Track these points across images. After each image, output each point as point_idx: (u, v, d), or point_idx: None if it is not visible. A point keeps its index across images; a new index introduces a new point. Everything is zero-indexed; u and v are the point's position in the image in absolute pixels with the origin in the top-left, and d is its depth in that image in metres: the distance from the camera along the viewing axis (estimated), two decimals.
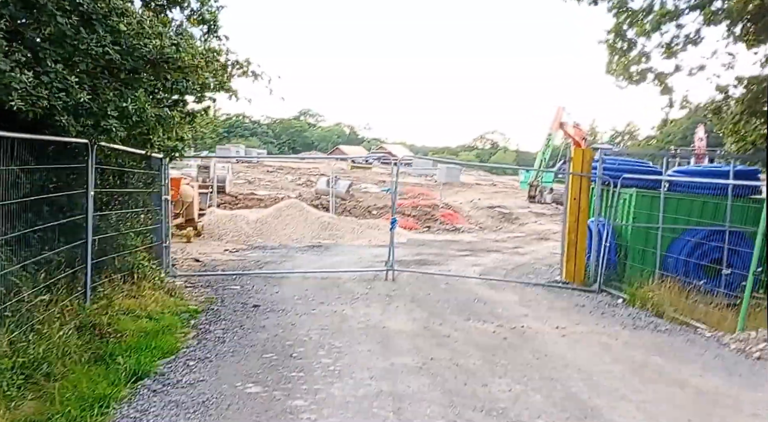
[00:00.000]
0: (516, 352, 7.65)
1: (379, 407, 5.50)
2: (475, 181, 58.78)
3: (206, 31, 11.66)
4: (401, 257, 17.09)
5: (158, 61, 7.14)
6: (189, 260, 14.72)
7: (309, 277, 12.74)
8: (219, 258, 15.50)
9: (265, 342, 7.47)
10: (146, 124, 7.03)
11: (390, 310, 9.77)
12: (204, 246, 18.07)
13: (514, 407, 5.72)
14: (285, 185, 40.41)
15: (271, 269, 13.72)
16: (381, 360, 6.96)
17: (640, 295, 11.22)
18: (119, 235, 9.36)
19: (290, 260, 15.56)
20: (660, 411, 5.88)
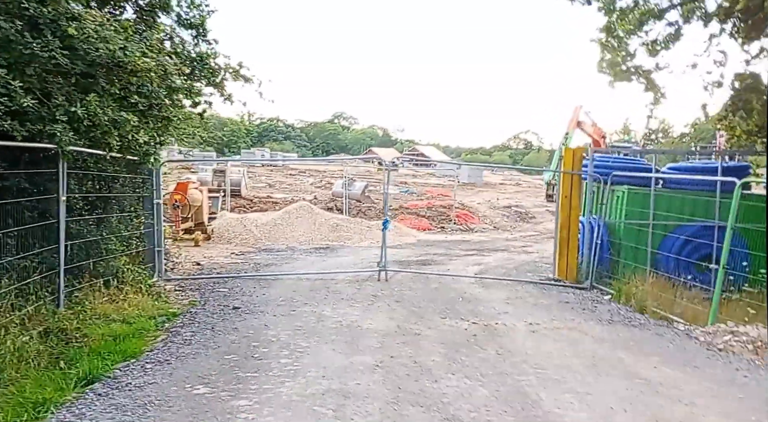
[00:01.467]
0: (480, 349, 7.70)
1: (321, 405, 5.61)
2: (500, 181, 58.61)
3: (195, 36, 11.97)
4: (404, 258, 17.26)
5: (110, 66, 7.28)
6: (190, 264, 14.93)
7: (302, 278, 12.88)
8: (221, 261, 15.72)
9: (232, 343, 7.62)
10: (100, 128, 7.16)
11: (371, 310, 9.87)
12: (211, 250, 18.34)
13: (457, 402, 5.79)
14: (305, 188, 40.74)
15: (268, 272, 13.89)
16: (341, 359, 7.06)
17: (625, 291, 11.21)
18: (101, 240, 9.58)
19: (291, 263, 15.75)
20: (600, 402, 5.92)
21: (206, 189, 22.96)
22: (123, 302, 9.14)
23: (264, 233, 21.16)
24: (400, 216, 28.60)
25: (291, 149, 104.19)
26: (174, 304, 10.00)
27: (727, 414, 5.75)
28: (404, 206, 31.44)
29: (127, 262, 10.45)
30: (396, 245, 20.74)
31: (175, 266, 14.58)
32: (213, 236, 20.65)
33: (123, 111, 7.38)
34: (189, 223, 20.23)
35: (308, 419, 5.31)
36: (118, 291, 9.49)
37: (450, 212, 29.69)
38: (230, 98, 13.29)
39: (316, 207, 24.67)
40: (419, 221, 28.12)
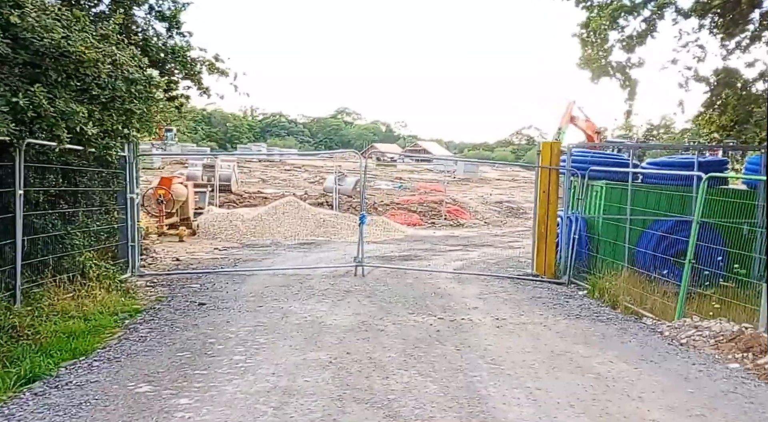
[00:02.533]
0: (440, 345, 7.63)
1: (263, 403, 5.53)
2: (496, 176, 58.45)
3: (168, 28, 11.92)
4: (388, 253, 17.22)
5: (56, 55, 7.17)
6: (169, 259, 14.87)
7: (278, 274, 12.83)
8: (202, 257, 15.67)
9: (188, 340, 7.54)
10: (46, 120, 7.06)
11: (340, 306, 9.81)
12: (195, 245, 18.29)
13: (402, 398, 5.72)
14: (299, 184, 40.60)
15: (246, 267, 13.84)
16: (296, 356, 7.00)
17: (599, 286, 11.16)
18: (65, 235, 9.50)
19: (272, 258, 15.69)
20: (548, 398, 5.86)
21: (192, 184, 22.88)
22: (86, 298, 9.05)
23: (249, 228, 21.09)
24: (390, 211, 28.55)
25: (294, 145, 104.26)
26: (141, 300, 9.94)
27: (673, 408, 5.68)
28: (395, 201, 31.33)
29: (95, 257, 10.35)
30: (382, 241, 20.71)
31: (153, 261, 14.53)
32: (198, 232, 20.59)
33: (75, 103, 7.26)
34: (174, 218, 20.20)
35: (247, 417, 5.23)
36: (83, 287, 9.43)
37: (441, 208, 29.60)
38: (207, 91, 13.32)
39: (304, 202, 24.60)
40: (409, 216, 28.06)
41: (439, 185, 41.19)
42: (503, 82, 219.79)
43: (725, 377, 6.69)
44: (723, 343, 7.74)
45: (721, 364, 7.17)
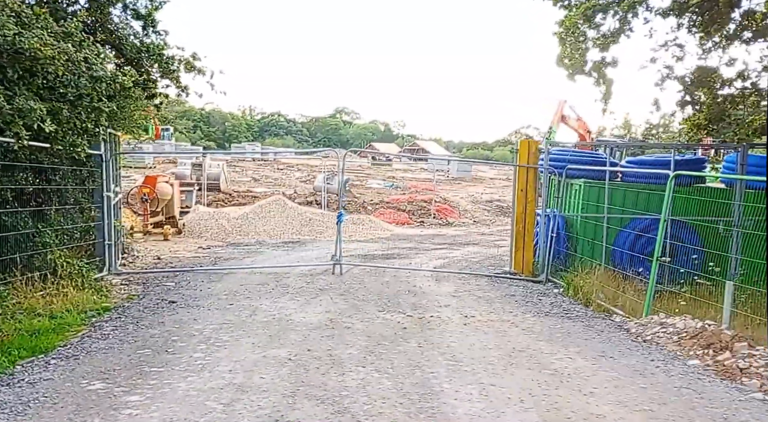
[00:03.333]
0: (404, 342, 7.66)
1: (214, 400, 5.55)
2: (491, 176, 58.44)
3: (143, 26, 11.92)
4: (371, 252, 17.23)
5: (11, 52, 7.15)
6: (150, 258, 14.87)
7: (255, 272, 12.83)
8: (184, 255, 15.66)
9: (150, 337, 7.55)
10: (2, 117, 7.03)
11: (311, 303, 9.82)
12: (179, 244, 18.27)
13: (355, 395, 5.74)
14: (290, 183, 40.57)
15: (226, 266, 13.85)
16: (257, 353, 7.01)
17: (573, 284, 11.19)
18: (36, 233, 9.51)
19: (253, 256, 15.69)
20: (501, 393, 5.90)
21: (178, 183, 22.88)
22: (56, 296, 9.06)
23: (235, 227, 21.08)
24: (379, 210, 28.55)
25: (292, 144, 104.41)
26: (113, 298, 9.93)
27: (622, 402, 5.72)
28: (385, 200, 31.34)
29: (68, 256, 10.35)
30: (368, 239, 20.74)
31: (134, 259, 14.53)
32: (184, 230, 20.57)
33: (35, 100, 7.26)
34: (160, 217, 20.19)
35: (195, 414, 5.24)
36: (55, 285, 9.44)
37: (430, 207, 29.61)
38: (186, 90, 13.33)
39: (291, 201, 24.63)
40: (398, 215, 28.07)
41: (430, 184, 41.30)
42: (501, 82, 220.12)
43: (681, 373, 6.72)
44: (686, 340, 7.77)
45: (681, 360, 7.21)
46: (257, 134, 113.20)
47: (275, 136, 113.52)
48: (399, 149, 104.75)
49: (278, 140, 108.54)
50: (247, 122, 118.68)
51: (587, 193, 13.12)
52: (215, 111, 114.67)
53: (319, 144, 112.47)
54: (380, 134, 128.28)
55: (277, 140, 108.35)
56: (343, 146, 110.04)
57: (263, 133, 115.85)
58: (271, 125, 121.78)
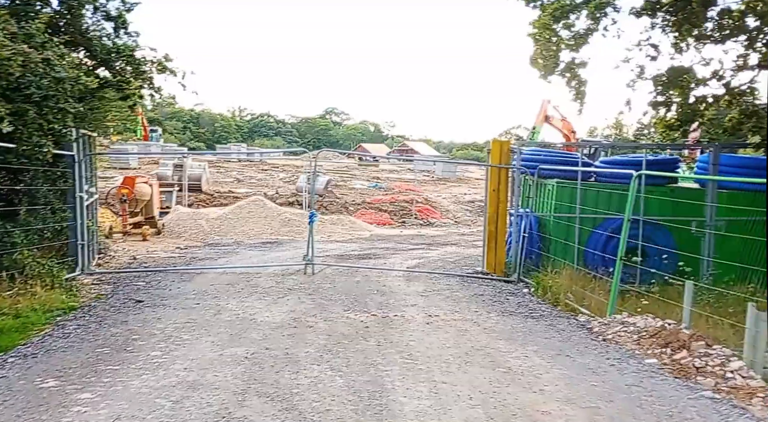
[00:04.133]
0: (363, 340, 7.71)
1: (165, 397, 5.57)
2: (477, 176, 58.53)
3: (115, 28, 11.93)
4: (347, 252, 17.27)
5: None
6: (126, 258, 14.84)
7: (228, 272, 12.85)
8: (160, 256, 15.64)
9: (112, 336, 7.57)
10: None
11: (278, 303, 9.86)
12: (157, 244, 18.25)
13: (306, 393, 5.79)
14: (274, 183, 40.54)
15: (200, 266, 13.86)
16: (215, 352, 7.05)
17: (543, 284, 11.27)
18: (4, 233, 9.50)
19: (228, 257, 15.71)
20: (451, 390, 5.97)
21: (157, 184, 22.85)
22: (23, 296, 9.05)
23: (214, 227, 21.07)
24: (360, 211, 28.58)
25: (281, 145, 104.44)
26: (81, 298, 9.93)
27: (569, 400, 5.79)
28: (367, 201, 31.38)
29: (37, 256, 10.34)
30: (347, 240, 20.77)
31: (110, 259, 14.51)
32: (163, 231, 20.53)
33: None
34: (139, 217, 20.13)
35: (143, 411, 5.27)
36: (23, 285, 9.43)
37: (412, 207, 29.68)
38: (159, 91, 13.36)
39: (271, 202, 24.64)
40: (380, 215, 28.13)
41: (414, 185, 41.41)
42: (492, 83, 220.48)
43: (635, 371, 6.80)
44: (645, 339, 7.86)
45: (638, 359, 7.28)
46: (247, 135, 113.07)
47: (265, 137, 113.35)
48: (388, 149, 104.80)
49: (267, 140, 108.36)
50: (236, 123, 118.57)
51: (560, 193, 13.20)
52: (205, 112, 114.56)
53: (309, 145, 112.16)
54: (370, 135, 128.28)
55: (266, 140, 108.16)
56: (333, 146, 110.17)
57: (253, 134, 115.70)
58: (261, 125, 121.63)
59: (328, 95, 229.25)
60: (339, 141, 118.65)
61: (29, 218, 10.48)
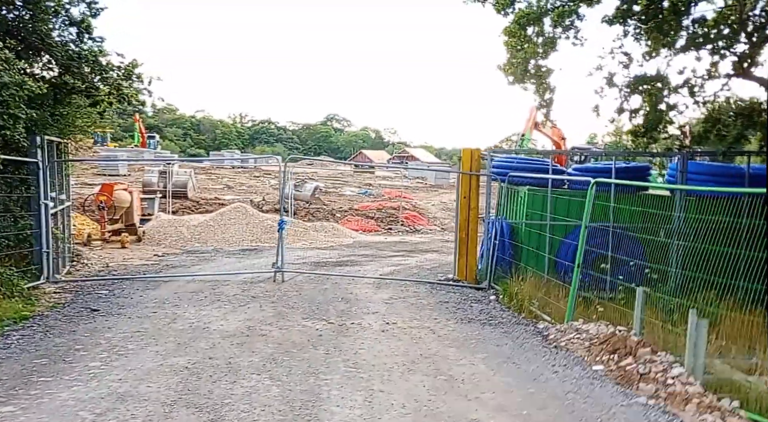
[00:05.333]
0: (312, 349, 7.63)
1: (90, 410, 5.47)
2: None
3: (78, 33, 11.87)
4: (325, 259, 17.18)
5: None
6: (99, 266, 14.72)
7: (196, 280, 12.75)
8: (133, 263, 15.52)
9: (54, 346, 7.46)
10: None
11: (237, 311, 9.77)
12: (136, 251, 18.12)
13: (237, 403, 5.71)
14: (264, 190, 40.50)
15: (172, 273, 13.75)
16: (156, 362, 6.95)
17: (509, 290, 11.19)
18: None
19: (202, 264, 15.62)
20: (386, 399, 5.92)
21: (138, 190, 22.77)
22: None
23: (194, 234, 20.97)
24: (347, 218, 28.49)
25: (281, 152, 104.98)
26: (38, 307, 9.80)
27: (502, 407, 5.74)
28: (354, 207, 31.32)
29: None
30: (328, 247, 20.68)
31: (83, 267, 14.40)
32: (144, 238, 20.42)
33: None
34: (119, 224, 20.02)
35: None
36: None
37: (399, 214, 29.62)
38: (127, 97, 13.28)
39: (253, 209, 24.56)
40: (366, 222, 28.04)
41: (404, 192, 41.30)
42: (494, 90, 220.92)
43: (578, 378, 6.73)
44: (595, 345, 7.77)
45: (585, 366, 7.21)
46: (247, 142, 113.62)
47: (266, 143, 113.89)
48: (389, 156, 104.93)
49: (268, 147, 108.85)
50: (237, 130, 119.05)
51: (531, 200, 13.12)
52: (205, 119, 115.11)
53: (310, 151, 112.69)
54: (371, 142, 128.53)
55: (267, 147, 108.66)
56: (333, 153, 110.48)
57: (253, 140, 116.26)
58: (262, 132, 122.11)
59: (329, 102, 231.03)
60: (340, 148, 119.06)
61: None
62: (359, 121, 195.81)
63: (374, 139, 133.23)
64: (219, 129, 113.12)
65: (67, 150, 14.22)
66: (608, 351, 7.50)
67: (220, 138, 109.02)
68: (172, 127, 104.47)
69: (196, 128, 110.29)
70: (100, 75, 11.99)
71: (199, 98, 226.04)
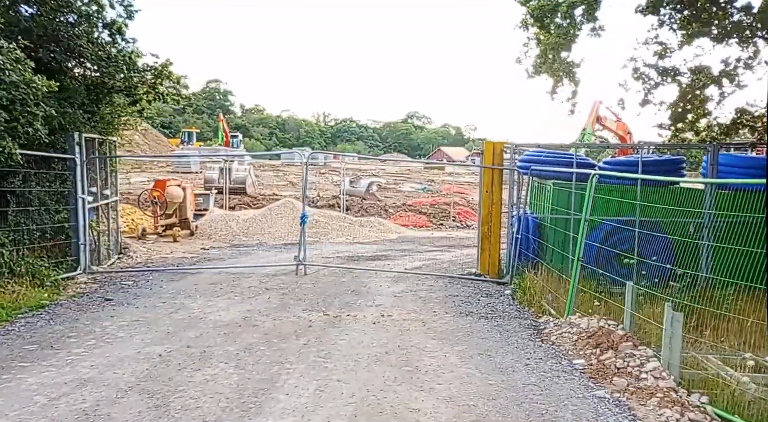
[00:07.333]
0: (294, 339, 7.73)
1: (45, 394, 5.71)
2: None
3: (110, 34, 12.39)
4: (361, 253, 17.28)
5: None
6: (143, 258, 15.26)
7: (222, 272, 13.07)
8: (176, 256, 16.01)
9: (50, 334, 7.81)
10: None
11: (244, 302, 9.97)
12: (186, 245, 18.72)
13: (190, 390, 5.87)
14: (326, 186, 41.02)
15: (204, 266, 14.13)
16: (134, 349, 7.18)
17: (523, 285, 11.00)
18: None
19: (239, 257, 15.99)
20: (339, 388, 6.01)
21: (191, 186, 23.49)
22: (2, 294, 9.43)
23: (243, 229, 21.49)
24: (398, 213, 28.54)
25: (362, 149, 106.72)
26: (62, 296, 10.28)
27: (451, 398, 5.75)
28: (407, 203, 31.32)
29: (31, 255, 10.82)
30: (370, 242, 20.76)
31: (128, 259, 14.98)
32: (197, 232, 21.08)
33: None
34: (173, 219, 20.75)
35: (14, 407, 5.43)
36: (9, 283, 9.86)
37: (451, 209, 29.44)
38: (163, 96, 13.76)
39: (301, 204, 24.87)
40: (417, 217, 28.00)
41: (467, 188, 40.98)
42: None
43: (546, 371, 6.60)
44: (582, 339, 7.57)
45: (562, 360, 7.05)
46: (330, 140, 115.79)
47: (347, 141, 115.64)
48: (468, 153, 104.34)
49: (349, 145, 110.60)
50: (320, 128, 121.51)
51: (556, 195, 12.82)
52: (290, 118, 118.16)
53: (390, 149, 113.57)
54: (451, 138, 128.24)
55: (348, 145, 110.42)
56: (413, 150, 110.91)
57: (335, 138, 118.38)
58: (343, 130, 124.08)
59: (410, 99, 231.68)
60: (420, 145, 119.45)
61: (19, 220, 10.95)
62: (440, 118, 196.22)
63: (454, 135, 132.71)
64: (303, 128, 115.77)
65: (113, 147, 14.81)
66: (592, 345, 7.29)
67: (304, 137, 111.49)
68: (258, 126, 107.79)
69: (282, 127, 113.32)
70: (138, 75, 12.53)
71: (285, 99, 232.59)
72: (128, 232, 19.24)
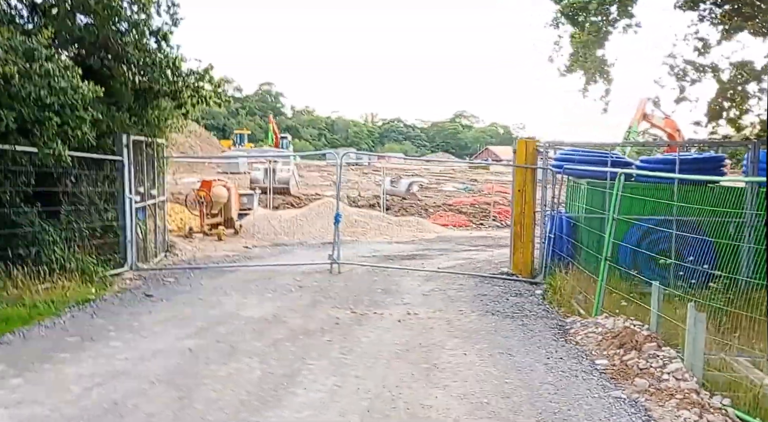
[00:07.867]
0: (320, 336, 7.97)
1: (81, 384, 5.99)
2: None
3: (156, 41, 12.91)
4: (396, 253, 17.47)
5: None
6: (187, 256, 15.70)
7: (259, 270, 13.40)
8: (219, 254, 16.37)
9: (90, 326, 8.18)
10: None
11: (275, 299, 10.24)
12: (230, 244, 19.14)
13: (213, 384, 6.14)
14: (368, 186, 41.29)
15: (244, 263, 14.51)
16: (167, 343, 7.50)
17: (554, 285, 11.04)
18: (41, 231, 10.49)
19: (279, 255, 16.36)
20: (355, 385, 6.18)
21: (235, 186, 24.01)
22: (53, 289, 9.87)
23: (284, 228, 21.88)
24: (438, 213, 28.63)
25: (410, 149, 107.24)
26: (108, 292, 10.69)
27: (464, 396, 5.87)
28: (448, 203, 31.39)
29: (81, 252, 11.33)
30: (407, 241, 20.92)
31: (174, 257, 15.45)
32: (241, 231, 21.55)
33: None
34: (218, 218, 21.27)
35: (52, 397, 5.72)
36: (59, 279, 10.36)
37: (492, 209, 29.40)
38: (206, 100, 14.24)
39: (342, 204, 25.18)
40: (457, 217, 28.05)
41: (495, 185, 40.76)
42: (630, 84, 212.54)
43: (565, 370, 6.67)
44: (606, 340, 7.61)
45: (587, 360, 7.10)
46: (377, 140, 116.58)
47: (394, 141, 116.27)
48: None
49: (397, 145, 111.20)
50: (368, 129, 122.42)
51: (591, 194, 12.77)
52: (339, 119, 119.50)
53: (437, 148, 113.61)
54: (499, 137, 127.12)
55: (395, 145, 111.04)
56: (461, 149, 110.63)
57: (383, 138, 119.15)
58: (391, 131, 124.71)
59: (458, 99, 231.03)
60: (467, 144, 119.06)
61: (70, 218, 11.48)
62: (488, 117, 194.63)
63: (502, 134, 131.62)
64: (351, 129, 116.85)
65: (161, 149, 15.33)
66: (616, 346, 7.33)
67: (352, 137, 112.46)
68: (308, 127, 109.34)
69: (331, 128, 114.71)
70: (182, 79, 13.02)
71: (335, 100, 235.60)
72: (176, 231, 19.78)
